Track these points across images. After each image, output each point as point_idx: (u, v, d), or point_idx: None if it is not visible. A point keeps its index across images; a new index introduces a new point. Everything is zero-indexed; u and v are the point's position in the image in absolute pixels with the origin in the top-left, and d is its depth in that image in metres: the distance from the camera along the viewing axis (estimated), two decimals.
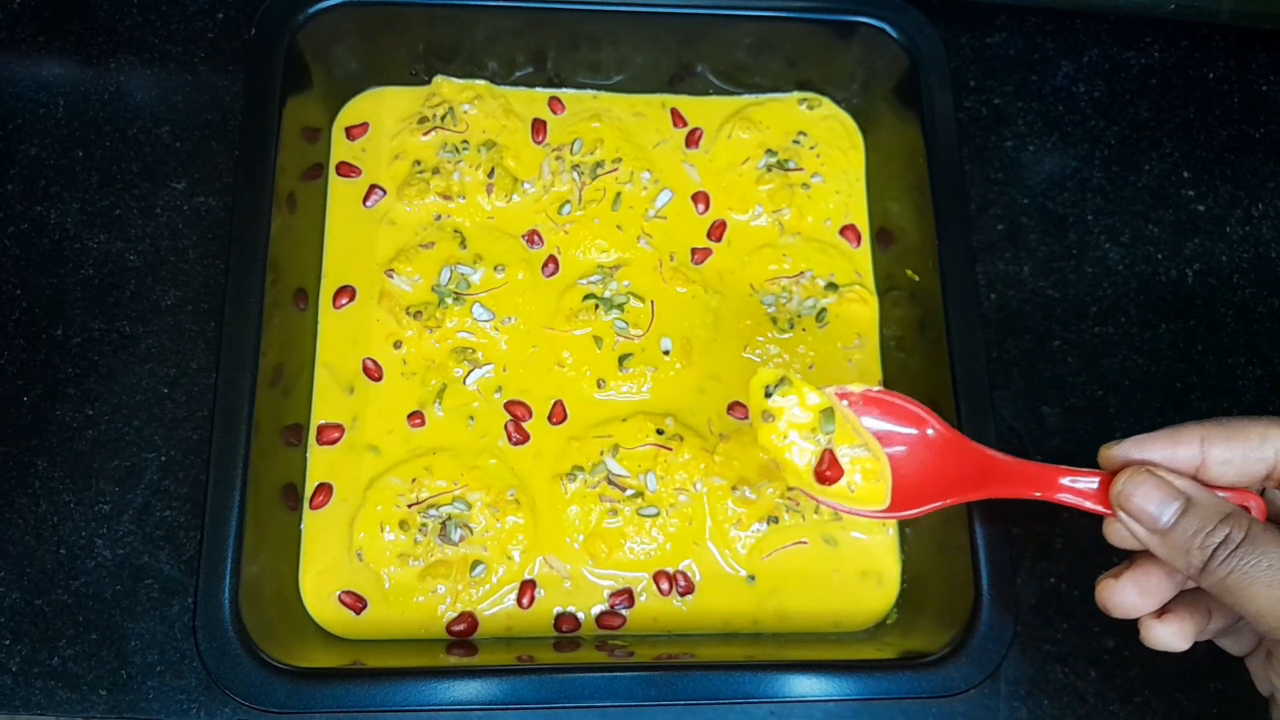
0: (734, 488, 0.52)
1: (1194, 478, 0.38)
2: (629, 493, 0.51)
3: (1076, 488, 0.40)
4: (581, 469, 0.52)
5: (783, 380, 0.44)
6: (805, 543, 0.52)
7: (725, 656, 0.48)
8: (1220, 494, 0.38)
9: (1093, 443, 0.55)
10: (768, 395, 0.44)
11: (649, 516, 0.51)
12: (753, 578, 0.51)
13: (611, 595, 0.50)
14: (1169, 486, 0.37)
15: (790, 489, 0.52)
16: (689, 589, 0.51)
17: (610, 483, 0.51)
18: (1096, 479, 0.40)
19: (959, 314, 0.51)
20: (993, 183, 0.61)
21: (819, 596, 0.51)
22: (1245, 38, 0.66)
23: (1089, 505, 0.40)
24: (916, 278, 0.54)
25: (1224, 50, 0.66)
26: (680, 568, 0.51)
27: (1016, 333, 0.58)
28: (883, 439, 0.44)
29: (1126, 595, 0.39)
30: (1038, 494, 0.41)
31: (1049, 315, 0.59)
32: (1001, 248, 0.60)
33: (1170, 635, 0.39)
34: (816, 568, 0.52)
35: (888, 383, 0.56)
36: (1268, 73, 0.65)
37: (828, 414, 0.44)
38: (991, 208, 0.61)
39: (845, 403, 0.44)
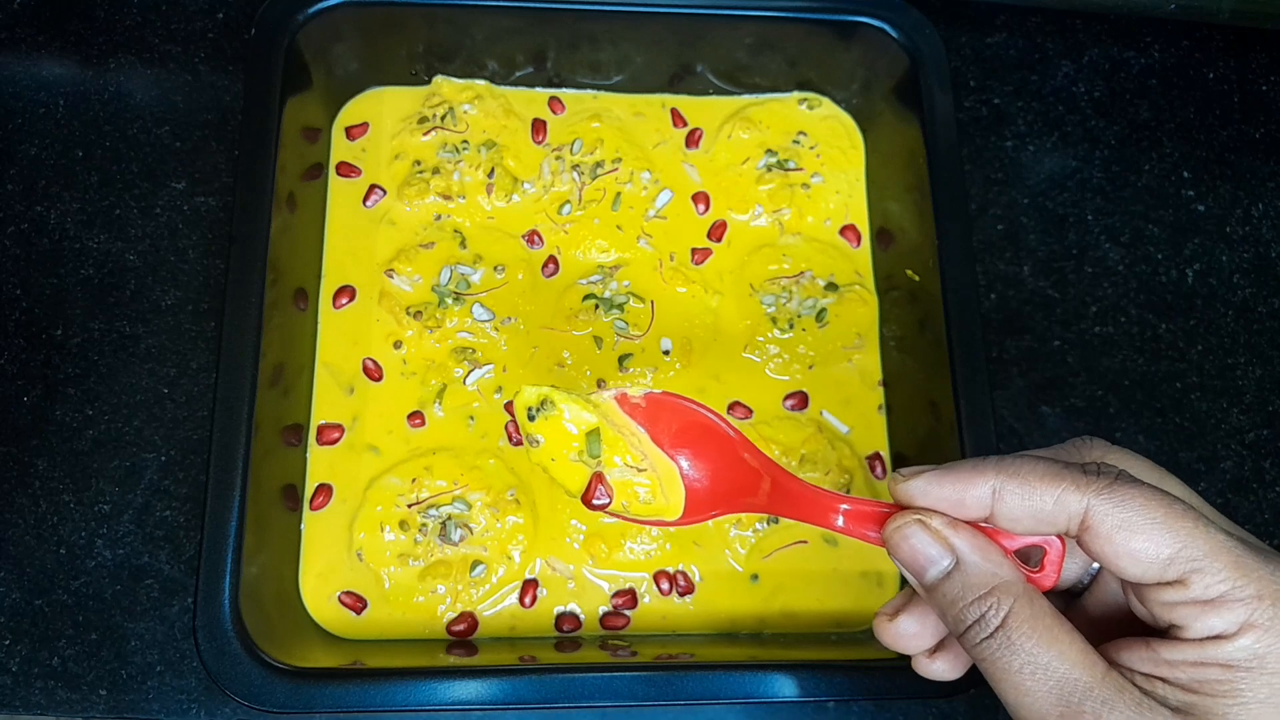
0: None
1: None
2: None
3: (851, 526, 0.37)
4: None
5: (545, 401, 0.41)
6: (805, 542, 0.52)
7: (725, 656, 0.48)
8: (1014, 541, 0.35)
9: None
10: (530, 418, 0.41)
11: None
12: (756, 577, 0.51)
13: (615, 595, 0.50)
14: (940, 541, 0.34)
15: None
16: (689, 589, 0.51)
17: None
18: (877, 511, 0.36)
19: (959, 314, 0.51)
20: (993, 183, 0.61)
21: (820, 596, 0.51)
22: (1245, 38, 0.66)
23: (871, 537, 0.37)
24: (916, 278, 0.54)
25: (1224, 50, 0.66)
26: (680, 568, 0.51)
27: (1016, 333, 0.58)
28: (674, 441, 0.41)
29: (899, 636, 0.37)
30: (817, 522, 0.37)
31: (1049, 315, 0.59)
32: (1001, 248, 0.60)
33: (943, 670, 0.37)
34: (817, 568, 0.52)
35: (888, 383, 0.56)
36: (1268, 73, 0.65)
37: (595, 435, 0.40)
38: (991, 208, 0.61)
39: (623, 409, 0.41)
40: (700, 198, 0.59)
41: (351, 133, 0.58)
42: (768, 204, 0.58)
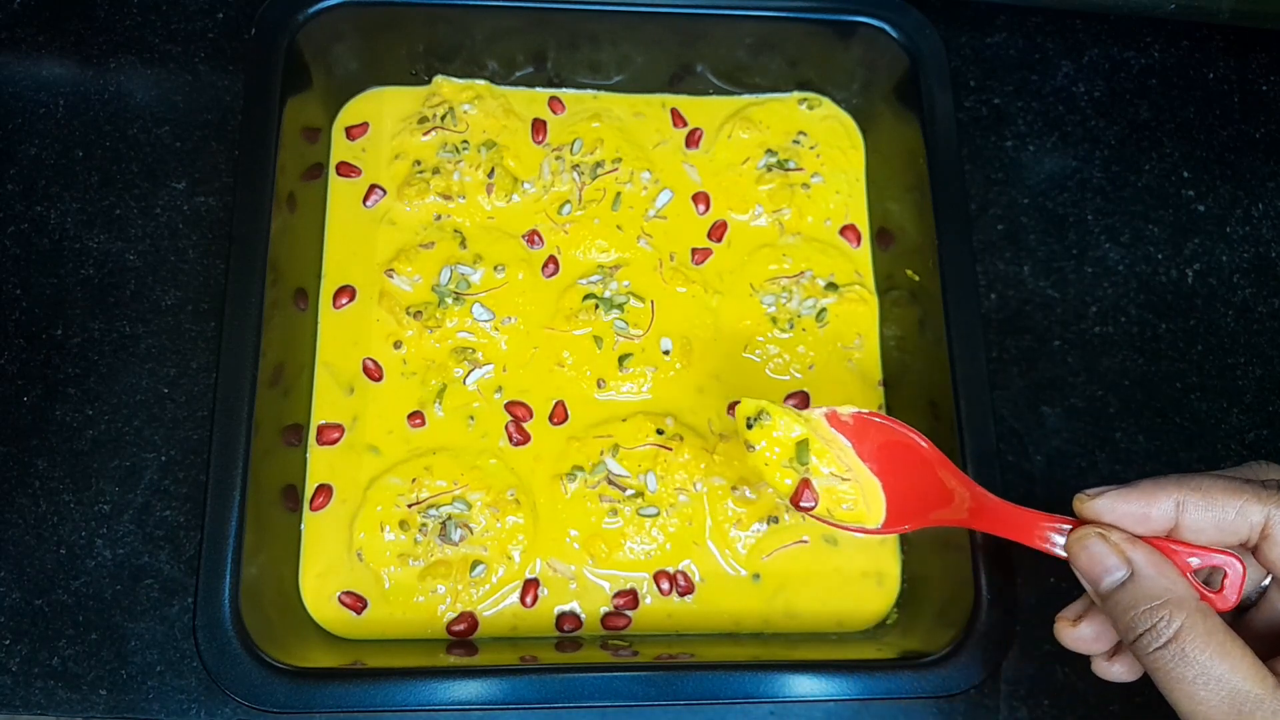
0: (734, 487, 0.52)
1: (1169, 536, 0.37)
2: (629, 493, 0.51)
3: (1051, 543, 0.40)
4: (581, 469, 0.52)
5: (762, 412, 0.45)
6: (806, 541, 0.52)
7: (727, 656, 0.48)
8: (1198, 555, 0.37)
9: (1092, 443, 0.56)
10: (749, 426, 0.45)
11: (649, 516, 0.51)
12: (757, 577, 0.51)
13: (616, 595, 0.50)
14: (1117, 553, 0.36)
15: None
16: (689, 589, 0.51)
17: (610, 483, 0.51)
18: (1069, 528, 0.39)
19: (959, 314, 0.51)
20: (993, 183, 0.61)
21: (820, 596, 0.51)
22: (1245, 38, 0.66)
23: (1057, 551, 0.40)
24: (916, 278, 0.54)
25: (1224, 50, 0.66)
26: (680, 568, 0.51)
27: (1016, 333, 0.58)
28: (876, 456, 0.45)
29: (1078, 639, 0.40)
30: (1014, 536, 0.41)
31: (1049, 315, 0.58)
32: (1001, 248, 0.60)
33: (1120, 672, 0.40)
34: (817, 567, 0.52)
35: (888, 383, 0.56)
36: (1268, 73, 0.65)
37: (804, 445, 0.45)
38: (991, 208, 0.61)
39: (831, 425, 0.45)
40: (700, 198, 0.59)
41: (351, 133, 0.58)
42: (768, 204, 0.58)
